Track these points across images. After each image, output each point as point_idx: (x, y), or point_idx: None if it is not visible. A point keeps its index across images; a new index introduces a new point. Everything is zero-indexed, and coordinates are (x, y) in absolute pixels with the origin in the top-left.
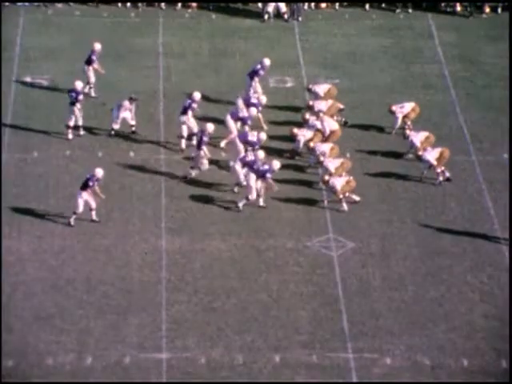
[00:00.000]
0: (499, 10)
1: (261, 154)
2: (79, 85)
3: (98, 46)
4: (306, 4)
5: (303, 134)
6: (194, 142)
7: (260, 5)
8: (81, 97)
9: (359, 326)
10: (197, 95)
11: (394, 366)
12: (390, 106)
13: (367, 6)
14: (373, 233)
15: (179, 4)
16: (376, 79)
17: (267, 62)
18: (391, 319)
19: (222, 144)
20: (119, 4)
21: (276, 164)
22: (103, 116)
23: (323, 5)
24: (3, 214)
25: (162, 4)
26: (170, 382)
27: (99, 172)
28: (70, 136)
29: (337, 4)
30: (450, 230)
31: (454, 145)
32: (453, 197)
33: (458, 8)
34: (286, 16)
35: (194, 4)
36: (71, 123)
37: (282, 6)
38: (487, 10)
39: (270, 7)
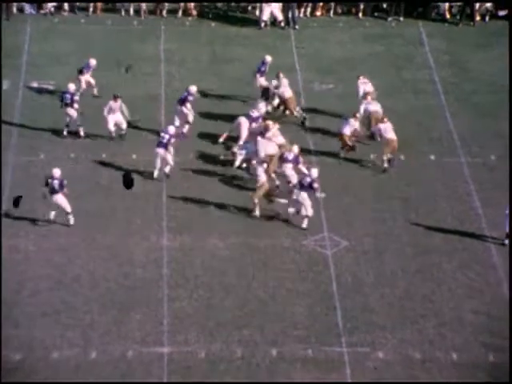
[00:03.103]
0: (487, 19)
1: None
2: (72, 87)
3: (93, 62)
4: (302, 12)
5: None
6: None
7: (257, 13)
8: (76, 97)
9: (353, 321)
10: (192, 88)
11: (386, 359)
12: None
13: (360, 15)
14: (366, 231)
15: (180, 12)
16: None
17: (268, 58)
18: (383, 314)
19: (235, 149)
20: (123, 12)
21: (315, 171)
22: (105, 118)
23: (318, 13)
24: (10, 213)
25: (164, 12)
26: (170, 382)
27: (56, 172)
28: (65, 133)
29: (331, 12)
30: (441, 228)
31: (443, 147)
32: (443, 197)
33: (448, 16)
34: (282, 24)
35: (195, 12)
36: (67, 122)
37: (279, 15)
38: (478, 18)
39: (265, 16)
